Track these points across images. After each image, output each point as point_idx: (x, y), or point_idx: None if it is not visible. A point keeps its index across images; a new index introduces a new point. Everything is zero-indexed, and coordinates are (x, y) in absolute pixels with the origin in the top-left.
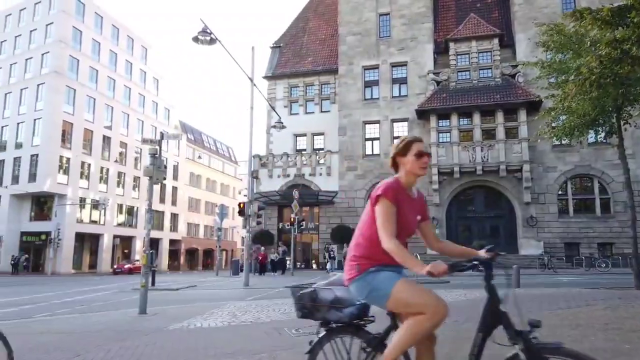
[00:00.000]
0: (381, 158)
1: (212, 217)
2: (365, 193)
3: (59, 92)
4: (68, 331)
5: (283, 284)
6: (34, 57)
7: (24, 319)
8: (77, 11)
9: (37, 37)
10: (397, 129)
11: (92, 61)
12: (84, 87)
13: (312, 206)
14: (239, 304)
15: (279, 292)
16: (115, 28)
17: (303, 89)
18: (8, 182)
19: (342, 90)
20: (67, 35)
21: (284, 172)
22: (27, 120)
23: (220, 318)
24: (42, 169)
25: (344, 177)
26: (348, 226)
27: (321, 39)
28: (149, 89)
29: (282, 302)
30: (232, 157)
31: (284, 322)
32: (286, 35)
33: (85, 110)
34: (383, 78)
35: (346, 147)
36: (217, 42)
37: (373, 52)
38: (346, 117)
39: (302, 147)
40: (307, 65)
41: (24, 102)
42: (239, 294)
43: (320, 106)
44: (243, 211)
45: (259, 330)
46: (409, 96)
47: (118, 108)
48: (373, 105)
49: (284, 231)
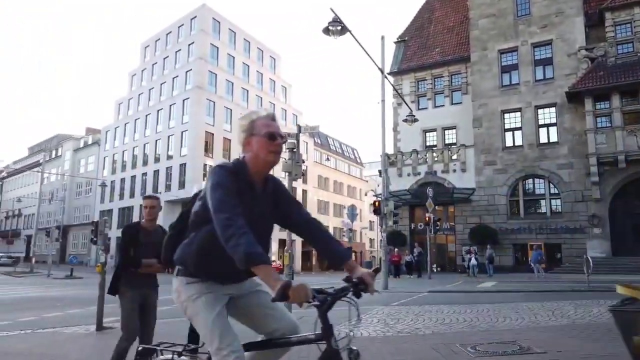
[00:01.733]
0: (524, 150)
1: (341, 219)
2: (507, 189)
3: (201, 105)
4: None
5: (424, 287)
6: (179, 75)
7: (177, 318)
8: (213, 29)
9: (181, 57)
10: (543, 116)
11: (228, 74)
12: (221, 99)
13: (447, 205)
14: (385, 310)
15: (424, 297)
16: (246, 42)
17: (431, 81)
18: (162, 190)
19: (475, 78)
20: (206, 52)
21: (414, 170)
22: (175, 133)
23: (371, 326)
24: (190, 177)
25: (482, 173)
26: (488, 226)
27: (449, 27)
28: (278, 97)
29: (434, 310)
30: (357, 159)
31: (448, 336)
32: (411, 28)
33: (224, 120)
34: (523, 61)
35: (482, 140)
36: (348, 32)
37: (510, 33)
38: (481, 107)
39: (432, 143)
40: (434, 57)
41: (172, 117)
42: (380, 298)
43: (450, 98)
44: (378, 210)
45: (424, 345)
46: (556, 78)
47: None
48: (512, 92)
49: (416, 232)
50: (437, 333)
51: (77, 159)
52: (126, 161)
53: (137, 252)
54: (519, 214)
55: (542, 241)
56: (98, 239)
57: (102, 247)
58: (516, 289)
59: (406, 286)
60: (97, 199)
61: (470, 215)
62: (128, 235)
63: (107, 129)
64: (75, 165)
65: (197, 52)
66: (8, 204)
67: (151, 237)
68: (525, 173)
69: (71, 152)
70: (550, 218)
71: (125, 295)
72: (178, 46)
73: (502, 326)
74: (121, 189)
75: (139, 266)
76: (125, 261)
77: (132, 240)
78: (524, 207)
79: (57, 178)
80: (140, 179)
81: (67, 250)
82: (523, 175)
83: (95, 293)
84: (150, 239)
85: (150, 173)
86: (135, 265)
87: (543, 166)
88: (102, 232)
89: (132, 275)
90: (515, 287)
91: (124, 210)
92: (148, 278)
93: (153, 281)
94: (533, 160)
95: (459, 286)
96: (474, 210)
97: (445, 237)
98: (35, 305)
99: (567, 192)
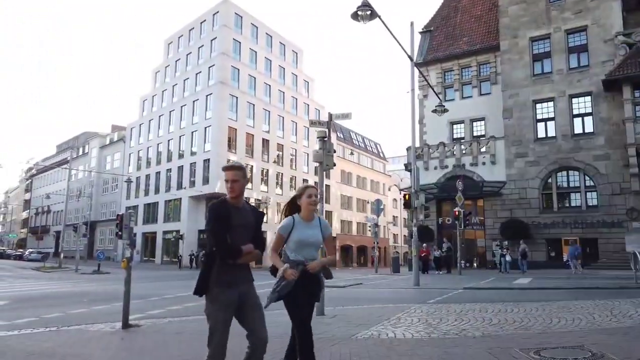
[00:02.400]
0: (558, 141)
1: (364, 214)
2: (539, 182)
3: (224, 100)
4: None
5: (457, 284)
6: (202, 71)
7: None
8: (236, 24)
9: (204, 53)
10: (578, 106)
11: (250, 69)
12: (244, 94)
13: (475, 199)
14: (424, 308)
15: (460, 294)
16: (268, 36)
17: (458, 72)
18: (186, 185)
19: (505, 67)
20: (229, 48)
21: (441, 163)
22: (199, 129)
23: (413, 327)
24: (213, 173)
25: (512, 165)
26: (520, 220)
27: (476, 16)
28: (300, 91)
29: (477, 309)
30: (380, 154)
31: (502, 338)
32: (436, 17)
33: (246, 115)
34: (556, 48)
35: (513, 131)
36: (377, 17)
37: (542, 20)
38: (512, 97)
39: (459, 136)
40: (462, 46)
41: (196, 113)
42: (414, 295)
43: (478, 89)
44: (409, 203)
45: (478, 349)
46: (592, 66)
47: (274, 112)
48: (545, 81)
49: (444, 226)
50: (488, 335)
51: (103, 156)
52: (151, 158)
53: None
54: (553, 207)
55: (577, 236)
56: (123, 233)
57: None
58: (556, 286)
59: (437, 282)
60: (123, 195)
61: (500, 210)
62: (222, 215)
63: (131, 125)
64: (101, 162)
65: (220, 48)
66: (37, 201)
67: (241, 217)
68: (559, 165)
69: (97, 149)
70: (585, 212)
71: (217, 299)
72: (201, 42)
73: (559, 327)
74: (146, 185)
75: (239, 255)
76: (223, 250)
77: (226, 222)
78: (558, 200)
79: (84, 175)
80: (164, 175)
81: (95, 246)
82: (556, 168)
83: (121, 288)
84: (241, 220)
85: (174, 169)
86: (235, 255)
87: (578, 158)
88: (127, 225)
89: (224, 269)
90: (554, 283)
91: (149, 206)
92: (244, 270)
93: (249, 274)
94: (567, 152)
95: (493, 283)
96: (505, 204)
97: (474, 232)
98: (62, 301)
99: (604, 185)
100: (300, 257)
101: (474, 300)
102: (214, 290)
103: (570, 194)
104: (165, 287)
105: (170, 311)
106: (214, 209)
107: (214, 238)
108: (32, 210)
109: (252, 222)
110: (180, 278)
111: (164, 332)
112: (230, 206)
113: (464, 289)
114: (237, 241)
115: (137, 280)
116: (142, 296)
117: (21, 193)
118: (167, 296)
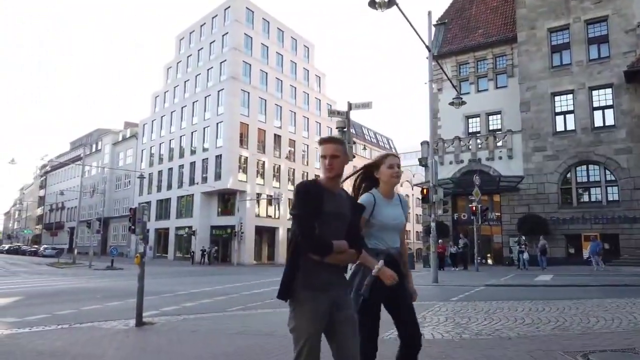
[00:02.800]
0: (577, 134)
1: None
2: (558, 177)
3: (235, 96)
4: (266, 332)
5: (477, 281)
6: (214, 66)
7: (219, 313)
8: (247, 19)
9: (215, 48)
10: (598, 98)
11: (262, 64)
12: (256, 89)
13: (492, 194)
14: (449, 307)
15: (483, 291)
16: (280, 31)
17: (473, 64)
18: (199, 181)
19: (522, 59)
20: (240, 43)
21: (457, 157)
22: (211, 125)
23: (441, 326)
24: (225, 168)
25: (530, 160)
26: (538, 215)
27: (492, 8)
28: (312, 86)
29: (505, 307)
30: (392, 149)
31: (541, 340)
32: (450, 10)
33: (258, 111)
34: (576, 39)
35: (531, 124)
36: (395, 4)
37: (561, 10)
38: (529, 89)
39: (474, 130)
40: (477, 38)
41: (207, 109)
42: (435, 292)
43: (494, 82)
44: (427, 198)
45: (517, 351)
46: (612, 57)
47: (286, 107)
48: (564, 73)
49: (459, 222)
50: (524, 336)
51: (116, 152)
52: (163, 154)
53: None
54: (572, 202)
55: (598, 232)
56: (136, 227)
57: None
58: (581, 283)
59: (455, 279)
60: (136, 192)
61: (517, 205)
62: (312, 198)
63: (144, 122)
64: (114, 158)
65: (231, 43)
66: (52, 198)
67: (336, 204)
68: (579, 159)
69: (110, 146)
70: (606, 207)
71: (304, 305)
72: (212, 37)
73: (600, 328)
74: (159, 181)
75: (329, 252)
76: (309, 242)
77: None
78: (577, 195)
79: (97, 171)
80: (177, 171)
81: (108, 242)
82: (576, 162)
83: (134, 284)
84: (335, 207)
85: (186, 165)
86: (324, 250)
87: (598, 151)
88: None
89: (315, 268)
90: (578, 280)
91: (162, 202)
92: (337, 272)
93: (343, 277)
94: (587, 146)
95: (514, 280)
96: (522, 199)
97: (490, 228)
98: (75, 296)
99: (626, 179)
100: (381, 245)
101: (499, 297)
102: (301, 294)
103: (590, 188)
104: (178, 283)
105: (184, 308)
106: (303, 189)
107: (299, 226)
108: (47, 206)
109: (348, 213)
110: (193, 274)
111: (178, 331)
112: (323, 189)
113: (485, 285)
114: (327, 234)
115: (150, 276)
116: (155, 292)
117: (36, 190)
118: (181, 292)
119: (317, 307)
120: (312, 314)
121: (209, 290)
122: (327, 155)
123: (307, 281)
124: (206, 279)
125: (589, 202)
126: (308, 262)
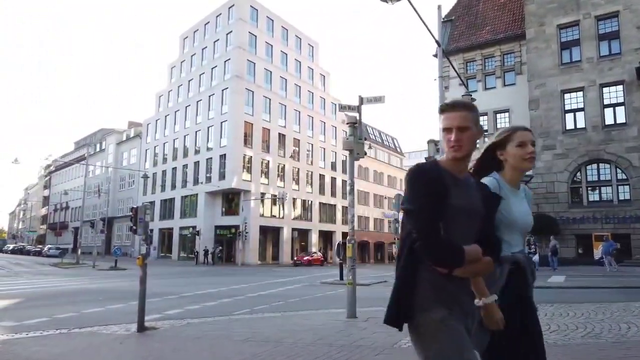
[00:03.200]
0: (588, 132)
1: (381, 209)
2: (568, 175)
3: (240, 94)
4: (275, 339)
5: None
6: (218, 65)
7: (224, 316)
8: (251, 17)
9: (219, 47)
10: (609, 95)
11: (266, 63)
12: (260, 88)
13: None
14: None
15: None
16: (284, 29)
17: (481, 62)
18: (203, 181)
19: (531, 56)
20: (245, 41)
21: None
22: (215, 124)
23: None
24: (230, 168)
25: (540, 158)
26: (548, 215)
27: (500, 4)
28: (316, 85)
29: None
30: (397, 149)
31: (573, 349)
32: (457, 7)
33: (262, 110)
34: (586, 36)
35: (540, 122)
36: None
37: (571, 6)
38: (538, 87)
39: (483, 128)
40: (484, 36)
41: (211, 108)
42: None
43: (502, 79)
44: None
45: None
46: (624, 53)
47: (290, 106)
48: (574, 70)
49: None
50: (554, 344)
51: (120, 152)
52: (167, 153)
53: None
54: (582, 202)
55: (609, 231)
56: (138, 227)
57: (143, 237)
58: (597, 285)
59: None
60: (140, 191)
61: None
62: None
63: (148, 121)
64: (118, 158)
65: (236, 41)
66: (56, 198)
67: (464, 195)
68: (589, 158)
69: (114, 146)
70: (617, 206)
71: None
72: (216, 36)
73: (633, 335)
74: (162, 181)
75: (461, 261)
76: (435, 248)
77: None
78: (588, 194)
79: (101, 171)
80: (181, 170)
81: (112, 242)
82: (586, 160)
83: (137, 285)
84: (463, 198)
85: (190, 165)
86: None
87: (609, 150)
88: (142, 219)
89: (437, 282)
90: (592, 282)
91: (166, 202)
92: (463, 285)
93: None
94: (598, 144)
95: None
96: (531, 199)
97: None
98: (77, 298)
99: (637, 178)
100: (505, 250)
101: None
102: (436, 312)
103: (600, 187)
104: (182, 284)
105: (188, 311)
106: (421, 175)
107: (417, 226)
108: (51, 206)
109: (480, 206)
110: (197, 274)
111: (182, 337)
112: (447, 174)
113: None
114: (455, 236)
115: (154, 276)
116: (159, 294)
117: (40, 190)
118: (185, 294)
119: (459, 327)
120: (457, 335)
121: (213, 291)
122: (453, 127)
123: (437, 296)
124: (210, 280)
125: (599, 202)
126: (433, 273)
